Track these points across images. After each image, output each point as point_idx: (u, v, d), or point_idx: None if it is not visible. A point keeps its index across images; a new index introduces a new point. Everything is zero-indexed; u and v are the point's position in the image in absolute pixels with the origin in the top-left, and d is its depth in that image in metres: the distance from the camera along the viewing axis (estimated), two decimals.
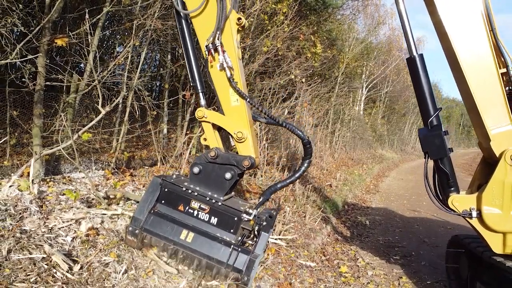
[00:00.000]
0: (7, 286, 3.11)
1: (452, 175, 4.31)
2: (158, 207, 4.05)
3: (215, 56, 3.89)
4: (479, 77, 4.10)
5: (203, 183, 4.00)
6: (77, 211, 4.45)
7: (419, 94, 4.36)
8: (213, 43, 3.83)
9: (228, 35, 3.88)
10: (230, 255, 3.72)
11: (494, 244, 4.18)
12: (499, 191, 4.04)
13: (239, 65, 3.98)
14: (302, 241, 6.21)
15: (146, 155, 7.74)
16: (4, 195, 4.26)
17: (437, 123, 4.25)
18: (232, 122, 4.00)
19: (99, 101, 5.02)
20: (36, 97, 5.04)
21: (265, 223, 3.78)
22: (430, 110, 4.27)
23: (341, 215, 9.32)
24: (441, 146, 4.18)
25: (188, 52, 4.13)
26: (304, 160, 4.21)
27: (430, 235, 8.20)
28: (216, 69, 3.91)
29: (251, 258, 3.67)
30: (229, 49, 3.88)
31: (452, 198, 4.26)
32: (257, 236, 3.79)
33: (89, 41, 5.10)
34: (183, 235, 3.86)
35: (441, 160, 4.25)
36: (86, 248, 3.98)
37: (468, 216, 4.21)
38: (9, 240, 3.60)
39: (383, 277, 5.55)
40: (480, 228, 4.20)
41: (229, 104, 3.99)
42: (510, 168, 3.98)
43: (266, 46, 10.25)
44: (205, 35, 3.89)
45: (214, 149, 3.97)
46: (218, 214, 3.92)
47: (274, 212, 4.00)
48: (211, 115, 4.05)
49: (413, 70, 4.37)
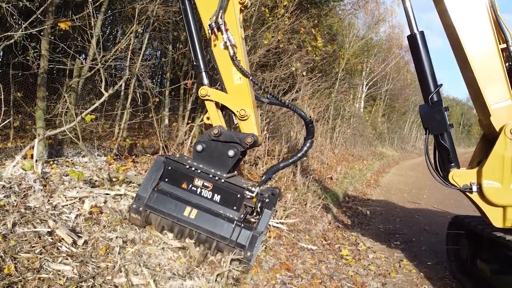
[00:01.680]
0: (12, 255, 3.14)
1: (452, 151, 4.35)
2: (162, 185, 4.08)
3: (218, 35, 3.90)
4: (479, 52, 4.12)
5: (206, 160, 4.02)
6: (80, 190, 4.48)
7: (420, 71, 4.38)
8: (216, 22, 3.84)
9: (231, 14, 3.90)
10: (233, 231, 3.74)
11: (494, 218, 4.22)
12: (499, 165, 4.09)
13: (241, 44, 4.00)
14: (303, 226, 6.24)
15: (148, 143, 7.77)
16: (8, 174, 4.29)
17: (438, 99, 4.28)
18: (235, 100, 4.01)
19: (101, 85, 5.06)
20: (39, 80, 5.08)
21: (267, 200, 3.82)
22: (430, 87, 4.29)
23: (342, 206, 9.36)
24: (442, 121, 4.21)
25: (191, 31, 4.15)
26: (307, 139, 4.25)
27: (431, 223, 8.24)
28: (219, 47, 3.93)
29: (254, 233, 3.70)
30: (232, 27, 3.90)
31: (453, 173, 4.31)
32: (260, 213, 3.82)
33: (93, 24, 5.13)
34: (187, 212, 3.89)
35: (442, 136, 4.29)
36: (90, 225, 4.01)
37: (468, 191, 4.26)
38: (14, 215, 3.63)
39: (384, 260, 5.59)
40: (480, 202, 4.24)
41: (232, 82, 4.01)
42: (509, 142, 4.02)
43: (267, 39, 10.28)
44: (208, 14, 3.91)
45: (217, 127, 3.99)
46: (221, 192, 3.95)
47: (277, 190, 4.02)
48: (214, 93, 4.06)
49: (414, 47, 4.37)
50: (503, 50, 4.18)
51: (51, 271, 3.14)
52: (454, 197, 11.90)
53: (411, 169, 22.86)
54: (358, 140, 24.59)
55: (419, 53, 4.34)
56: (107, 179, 4.83)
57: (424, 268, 5.39)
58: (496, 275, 4.36)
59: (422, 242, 6.77)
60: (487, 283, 4.60)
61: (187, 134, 7.88)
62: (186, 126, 8.00)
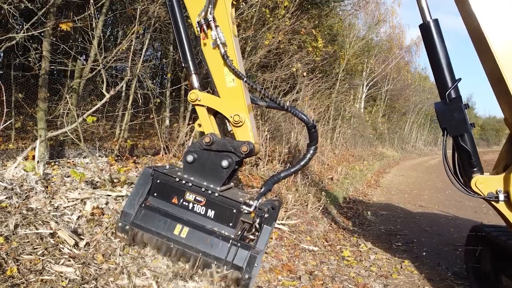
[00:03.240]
0: (15, 257, 3.14)
1: (474, 154, 3.88)
2: (150, 200, 3.67)
3: (208, 33, 3.54)
4: (507, 47, 3.69)
5: (198, 172, 3.64)
6: (82, 191, 4.48)
7: (435, 63, 3.90)
8: (205, 19, 3.48)
9: (221, 9, 3.56)
10: (229, 251, 3.36)
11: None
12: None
13: (234, 42, 3.64)
14: (304, 227, 6.24)
15: (149, 144, 7.77)
16: (10, 175, 4.29)
17: (456, 95, 3.79)
18: (228, 105, 3.64)
19: (103, 86, 5.05)
20: (40, 81, 5.08)
21: (267, 215, 3.44)
22: (448, 81, 3.82)
23: (343, 206, 9.36)
24: (462, 120, 3.73)
25: (179, 30, 3.81)
26: (310, 146, 3.80)
27: (432, 224, 8.23)
28: (209, 46, 3.57)
29: (252, 254, 3.32)
30: (223, 24, 3.56)
31: (476, 180, 3.83)
32: (259, 229, 3.44)
33: (94, 25, 5.13)
34: (177, 230, 3.50)
35: (462, 137, 3.82)
36: (92, 227, 4.01)
37: (494, 200, 3.79)
38: (16, 216, 3.62)
39: (385, 261, 5.58)
40: (507, 212, 3.78)
41: (224, 85, 3.65)
42: None
43: (267, 39, 10.29)
44: (196, 10, 3.57)
45: (209, 135, 3.61)
46: (215, 207, 3.57)
47: (277, 203, 3.64)
48: (205, 97, 3.69)
49: (427, 37, 3.90)
50: None
51: (53, 273, 3.13)
52: (455, 198, 11.92)
53: (411, 169, 22.88)
54: (358, 141, 24.60)
55: (433, 44, 3.86)
56: (109, 180, 4.83)
57: (426, 270, 5.38)
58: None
59: (423, 243, 6.77)
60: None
61: (188, 135, 7.89)
62: (187, 127, 8.01)
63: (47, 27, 4.99)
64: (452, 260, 5.88)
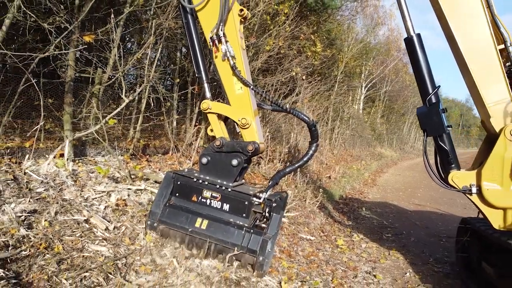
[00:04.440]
0: (59, 238, 3.75)
1: (452, 152, 4.33)
2: (173, 200, 4.25)
3: (219, 47, 4.03)
4: (476, 53, 4.09)
5: (212, 172, 4.15)
6: (106, 185, 5.09)
7: (418, 73, 4.33)
8: (217, 34, 3.99)
9: (231, 26, 4.03)
10: (244, 238, 3.82)
11: (494, 220, 4.18)
12: (499, 167, 4.02)
13: (242, 54, 4.14)
14: (302, 220, 6.84)
15: (159, 144, 8.38)
16: (44, 171, 4.90)
17: (435, 101, 4.23)
18: (236, 110, 4.17)
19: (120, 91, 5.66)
20: (66, 87, 5.69)
21: (275, 205, 3.88)
22: (428, 88, 4.26)
23: (339, 203, 9.95)
24: (440, 123, 4.19)
25: (193, 44, 4.32)
26: (311, 144, 4.28)
27: (422, 219, 8.83)
28: (220, 59, 4.07)
29: (264, 238, 3.77)
30: (232, 39, 4.04)
31: (452, 175, 4.28)
32: (269, 218, 3.89)
33: (114, 37, 5.74)
34: (198, 223, 4.03)
35: (440, 137, 4.29)
36: (117, 215, 4.62)
37: (468, 192, 4.23)
38: (55, 205, 4.23)
39: (375, 249, 6.18)
40: (480, 204, 4.20)
41: (233, 92, 4.17)
42: (509, 143, 3.97)
43: (268, 45, 10.87)
44: (209, 27, 4.07)
45: (219, 139, 4.16)
46: (229, 200, 4.04)
47: (285, 195, 4.20)
48: (216, 106, 4.23)
49: (411, 49, 4.34)
50: (501, 51, 4.15)
51: (91, 251, 3.74)
52: (448, 195, 12.50)
53: (409, 169, 23.44)
54: (357, 141, 25.13)
55: (416, 55, 4.31)
56: (129, 176, 5.44)
57: (410, 256, 5.99)
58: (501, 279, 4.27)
59: (411, 234, 7.37)
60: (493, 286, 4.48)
61: (195, 135, 8.50)
62: (194, 128, 8.62)
63: (73, 39, 5.62)
64: (435, 248, 6.49)
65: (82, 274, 3.37)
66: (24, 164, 4.78)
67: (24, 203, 4.06)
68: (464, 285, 5.04)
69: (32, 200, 4.16)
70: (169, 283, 3.70)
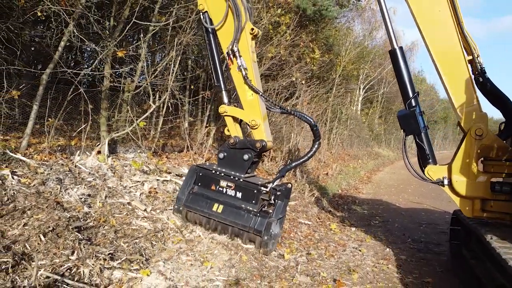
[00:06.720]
0: (111, 215, 4.83)
1: (429, 149, 4.93)
2: (195, 188, 4.94)
3: (234, 60, 4.75)
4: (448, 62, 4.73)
5: (228, 165, 4.80)
6: (139, 176, 6.17)
7: (400, 80, 4.96)
8: (231, 50, 4.70)
9: (243, 43, 4.73)
10: (252, 220, 4.48)
11: (464, 208, 4.77)
12: (466, 162, 4.61)
13: (253, 66, 4.86)
14: (301, 209, 7.92)
15: (175, 143, 9.47)
16: (90, 164, 5.98)
17: (414, 105, 4.82)
18: (247, 113, 4.84)
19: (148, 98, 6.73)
20: (103, 94, 6.78)
21: (279, 193, 4.51)
22: (409, 93, 4.88)
23: (335, 196, 11.01)
24: (415, 124, 4.79)
25: (214, 58, 5.06)
26: (314, 142, 4.81)
27: (409, 210, 9.90)
28: (235, 70, 4.79)
29: (269, 221, 4.43)
30: (244, 53, 4.74)
31: (428, 169, 4.88)
32: (274, 204, 4.53)
33: (142, 51, 6.83)
34: (215, 207, 4.72)
35: (418, 136, 4.90)
36: (150, 201, 5.70)
37: (440, 184, 4.82)
38: (103, 191, 5.31)
39: (363, 232, 7.25)
40: (451, 194, 4.81)
41: (246, 98, 4.83)
42: (474, 141, 4.60)
43: (271, 53, 11.94)
44: (226, 44, 4.81)
45: (233, 137, 4.84)
46: (241, 189, 4.67)
47: (289, 185, 4.88)
48: (231, 110, 4.91)
49: (394, 60, 5.00)
50: (470, 61, 4.77)
51: (137, 225, 4.83)
52: (436, 191, 13.51)
53: (404, 168, 23.75)
54: (354, 141, 26.06)
55: (398, 65, 4.93)
56: (156, 169, 6.53)
57: (392, 237, 7.06)
58: (474, 260, 4.87)
59: (396, 221, 8.44)
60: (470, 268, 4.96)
61: (206, 135, 9.58)
62: (205, 129, 9.70)
63: (108, 55, 6.70)
64: (415, 232, 7.56)
65: (134, 240, 4.45)
66: (75, 159, 5.86)
67: (81, 188, 5.14)
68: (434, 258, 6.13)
69: (86, 187, 5.24)
70: (197, 250, 4.78)
